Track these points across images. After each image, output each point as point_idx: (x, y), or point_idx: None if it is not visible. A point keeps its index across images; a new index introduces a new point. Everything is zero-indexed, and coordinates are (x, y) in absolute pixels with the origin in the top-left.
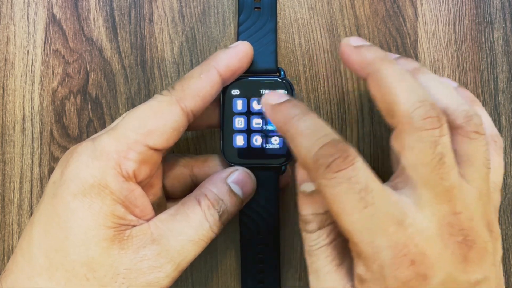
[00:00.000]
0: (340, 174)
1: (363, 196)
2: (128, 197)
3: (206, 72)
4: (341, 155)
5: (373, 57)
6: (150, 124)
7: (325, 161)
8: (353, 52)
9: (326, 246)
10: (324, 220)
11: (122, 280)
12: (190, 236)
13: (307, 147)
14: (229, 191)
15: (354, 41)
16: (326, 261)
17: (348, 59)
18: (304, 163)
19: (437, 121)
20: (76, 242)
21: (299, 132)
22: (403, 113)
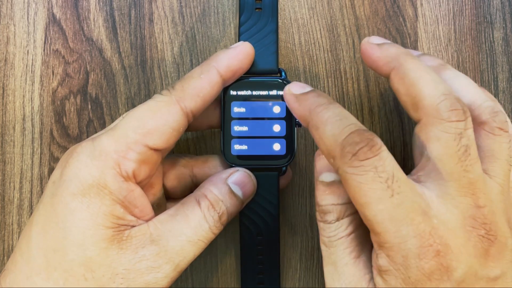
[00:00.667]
0: (367, 163)
1: (389, 185)
2: (128, 197)
3: (206, 72)
4: (367, 143)
5: (397, 52)
6: (149, 124)
7: (352, 149)
8: (375, 49)
9: (345, 237)
10: (343, 211)
11: (121, 281)
12: (189, 237)
13: (334, 135)
14: (229, 192)
15: (376, 40)
16: (344, 252)
17: (371, 56)
18: (329, 151)
19: (463, 113)
20: (74, 242)
21: (325, 121)
22: (428, 105)
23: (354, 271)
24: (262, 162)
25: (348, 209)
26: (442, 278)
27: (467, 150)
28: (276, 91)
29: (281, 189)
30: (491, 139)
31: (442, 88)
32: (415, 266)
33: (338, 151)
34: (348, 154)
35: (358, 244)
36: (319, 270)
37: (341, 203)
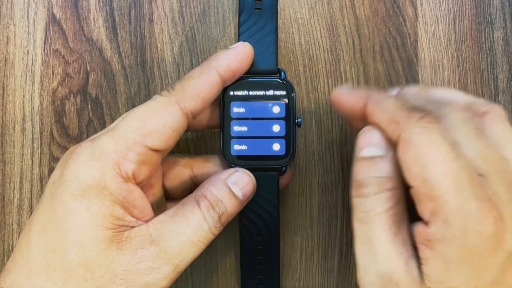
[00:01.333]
0: (434, 125)
1: (454, 147)
2: (127, 198)
3: (206, 72)
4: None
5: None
6: (149, 125)
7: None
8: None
9: (384, 212)
10: (383, 184)
11: (120, 281)
12: (189, 238)
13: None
14: (229, 192)
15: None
16: (382, 229)
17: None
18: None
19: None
20: (74, 242)
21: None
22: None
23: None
24: (262, 162)
25: (388, 183)
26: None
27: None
28: (276, 91)
29: (281, 189)
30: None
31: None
32: (474, 230)
33: (405, 114)
34: (415, 116)
35: (396, 221)
36: (319, 270)
37: (381, 175)
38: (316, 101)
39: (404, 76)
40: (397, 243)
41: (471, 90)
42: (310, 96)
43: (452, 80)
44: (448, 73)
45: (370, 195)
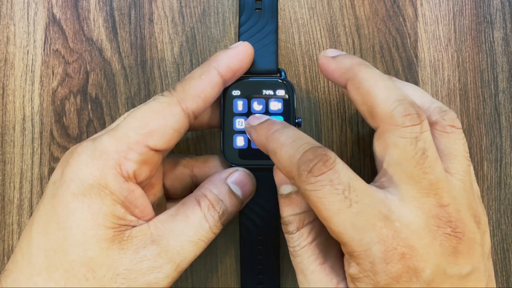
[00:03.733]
0: (322, 177)
1: (346, 195)
2: (128, 198)
3: (207, 73)
4: (321, 159)
5: (351, 63)
6: (151, 125)
7: (307, 167)
8: (331, 61)
9: (308, 245)
10: (302, 220)
11: (122, 281)
12: (189, 237)
13: (290, 156)
14: (229, 192)
15: (331, 52)
16: (309, 260)
17: (327, 69)
18: (288, 172)
19: (417, 117)
20: (75, 242)
21: (281, 144)
22: (383, 112)
23: (321, 277)
24: (262, 162)
25: (306, 218)
26: (411, 280)
27: (424, 153)
28: (276, 91)
29: None
30: (445, 138)
31: (395, 94)
32: (382, 271)
33: (295, 171)
34: (304, 172)
35: (321, 251)
36: None
37: (299, 212)
38: (316, 101)
39: (404, 76)
40: (325, 270)
41: (471, 90)
42: (310, 96)
43: (452, 80)
44: (448, 73)
45: (293, 232)
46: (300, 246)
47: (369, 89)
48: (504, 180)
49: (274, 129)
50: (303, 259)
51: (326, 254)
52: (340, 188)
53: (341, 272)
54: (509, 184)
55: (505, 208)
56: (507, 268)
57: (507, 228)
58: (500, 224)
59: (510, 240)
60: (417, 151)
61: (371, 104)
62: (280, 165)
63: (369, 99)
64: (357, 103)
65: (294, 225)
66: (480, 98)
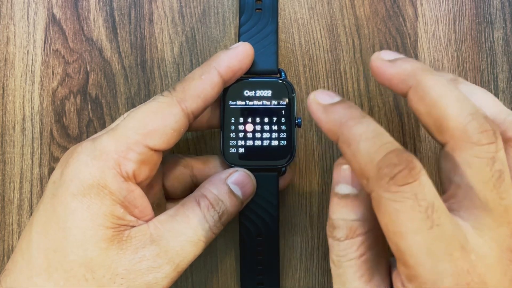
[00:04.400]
0: (405, 189)
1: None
2: (128, 198)
3: (207, 73)
4: (406, 166)
5: (413, 68)
6: (150, 125)
7: (390, 172)
8: (388, 66)
9: (356, 259)
10: (355, 229)
11: (121, 281)
12: (189, 237)
13: (369, 153)
14: (229, 192)
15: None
16: (355, 276)
17: (384, 74)
18: (362, 171)
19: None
20: (74, 242)
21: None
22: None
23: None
24: (262, 163)
25: (360, 228)
26: None
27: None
28: (276, 91)
29: (280, 190)
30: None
31: (468, 107)
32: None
33: (374, 172)
34: (385, 177)
35: (369, 268)
36: (319, 270)
37: (353, 219)
38: None
39: None
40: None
41: None
42: None
43: None
44: None
45: (341, 239)
46: (347, 258)
47: (436, 99)
48: None
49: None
50: (347, 272)
51: (373, 271)
52: (423, 205)
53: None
54: None
55: None
56: None
57: None
58: None
59: None
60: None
61: (439, 117)
62: (354, 159)
63: (436, 111)
64: (421, 113)
65: (343, 231)
66: None
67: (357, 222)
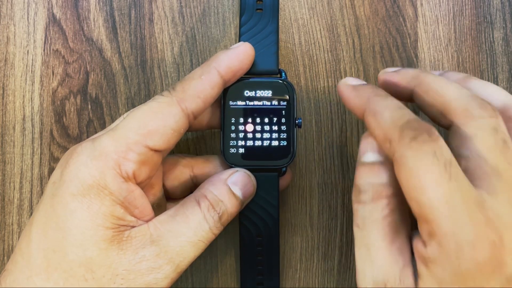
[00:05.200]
0: (425, 146)
1: (447, 169)
2: (128, 198)
3: (207, 73)
4: (426, 131)
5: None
6: (150, 125)
7: (412, 133)
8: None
9: (381, 220)
10: (380, 191)
11: (121, 281)
12: (189, 237)
13: (393, 119)
14: (229, 192)
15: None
16: (378, 236)
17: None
18: (386, 134)
19: (493, 111)
20: (74, 242)
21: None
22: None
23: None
24: (262, 163)
25: (385, 190)
26: (493, 272)
27: (505, 143)
28: (276, 91)
29: (281, 190)
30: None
31: (466, 92)
32: (468, 256)
33: (397, 133)
34: (407, 137)
35: (392, 229)
36: (319, 270)
37: (379, 182)
38: (316, 101)
39: None
40: (393, 251)
41: None
42: (310, 96)
43: None
44: None
45: (367, 201)
46: (372, 219)
47: (438, 89)
48: None
49: (378, 93)
50: (371, 233)
51: (396, 234)
52: (442, 160)
53: (407, 255)
54: None
55: None
56: None
57: None
58: None
59: None
60: (498, 141)
61: (443, 102)
62: (378, 126)
63: (440, 99)
64: (426, 105)
65: (369, 194)
66: None
67: (382, 185)
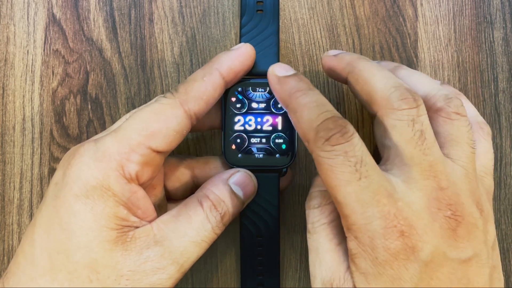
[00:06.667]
0: (337, 147)
1: (358, 168)
2: (131, 199)
3: (209, 74)
4: (340, 130)
5: (351, 58)
6: (153, 127)
7: (325, 134)
8: (333, 59)
9: (327, 224)
10: (327, 198)
11: (126, 282)
12: (192, 237)
13: (310, 120)
14: (231, 193)
15: (332, 52)
16: (326, 239)
17: (329, 66)
18: (304, 134)
19: (413, 101)
20: (78, 244)
21: (303, 106)
22: (381, 97)
23: (334, 257)
24: (263, 163)
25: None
26: (408, 258)
27: (422, 134)
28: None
29: (281, 190)
30: (449, 124)
31: (392, 82)
32: (381, 246)
33: (312, 135)
34: (321, 139)
35: (339, 232)
36: None
37: (325, 189)
38: None
39: None
40: (339, 252)
41: (471, 90)
42: None
43: (452, 80)
44: (448, 73)
45: (315, 207)
46: (320, 223)
47: (366, 78)
48: (504, 180)
49: (300, 88)
50: (320, 237)
51: (342, 236)
52: (352, 160)
53: None
54: (509, 184)
55: (505, 208)
56: (507, 268)
57: (507, 228)
58: (500, 224)
59: (510, 240)
60: (415, 132)
61: (369, 92)
62: (298, 125)
63: (367, 88)
64: (357, 93)
65: (317, 200)
66: (480, 98)
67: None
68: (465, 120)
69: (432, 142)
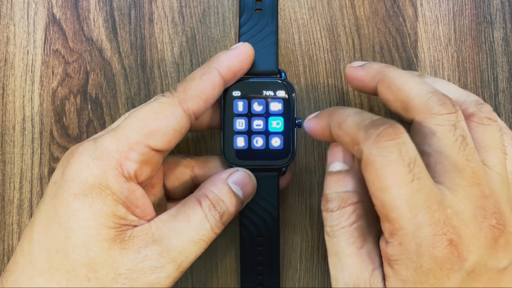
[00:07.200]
0: (391, 143)
1: (411, 169)
2: (129, 198)
3: (207, 73)
4: (390, 125)
5: (379, 66)
6: (152, 125)
7: (376, 130)
8: (359, 70)
9: (347, 227)
10: (346, 199)
11: (124, 281)
12: (191, 237)
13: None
14: (230, 192)
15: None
16: (347, 242)
17: (355, 77)
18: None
19: (452, 106)
20: (76, 242)
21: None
22: (418, 103)
23: (356, 262)
24: (262, 163)
25: (351, 198)
26: (453, 267)
27: (464, 140)
28: (276, 91)
29: (281, 190)
30: (481, 130)
31: (427, 87)
32: (427, 254)
33: (362, 134)
34: (372, 135)
35: (361, 235)
36: (319, 270)
37: (344, 191)
38: (316, 101)
39: None
40: (362, 255)
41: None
42: (310, 96)
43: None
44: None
45: (334, 210)
46: (340, 226)
47: (400, 85)
48: None
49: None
50: (340, 241)
51: (364, 239)
52: (406, 160)
53: (377, 259)
54: None
55: None
56: None
57: None
58: None
59: None
60: (457, 137)
61: (404, 99)
62: (346, 133)
63: (401, 95)
64: (390, 101)
65: (336, 202)
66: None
67: (348, 193)
68: (497, 125)
69: (473, 148)
